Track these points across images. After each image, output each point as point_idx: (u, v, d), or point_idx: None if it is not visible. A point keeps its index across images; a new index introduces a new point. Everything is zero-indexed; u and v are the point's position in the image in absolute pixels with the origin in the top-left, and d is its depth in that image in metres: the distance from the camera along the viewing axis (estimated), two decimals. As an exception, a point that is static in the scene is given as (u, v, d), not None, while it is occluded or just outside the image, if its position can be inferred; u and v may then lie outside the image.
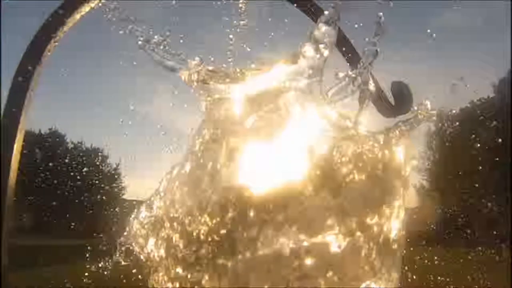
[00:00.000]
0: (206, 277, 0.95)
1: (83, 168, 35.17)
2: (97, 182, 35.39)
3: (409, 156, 1.10)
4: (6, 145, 0.98)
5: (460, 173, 31.25)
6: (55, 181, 32.40)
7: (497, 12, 41.18)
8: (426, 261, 20.56)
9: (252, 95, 1.06)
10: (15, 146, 0.99)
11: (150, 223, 1.12)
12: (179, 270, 1.02)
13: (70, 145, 38.95)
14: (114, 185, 39.00)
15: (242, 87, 1.09)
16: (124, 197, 38.16)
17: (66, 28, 1.08)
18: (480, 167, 28.46)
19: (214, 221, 0.95)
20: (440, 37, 48.52)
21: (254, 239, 0.90)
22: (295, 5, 1.31)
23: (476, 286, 13.75)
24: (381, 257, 0.99)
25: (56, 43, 1.08)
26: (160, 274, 1.07)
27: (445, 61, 49.77)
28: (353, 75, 1.13)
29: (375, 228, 0.99)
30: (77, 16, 1.11)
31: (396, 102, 1.27)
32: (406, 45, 50.08)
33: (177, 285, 1.01)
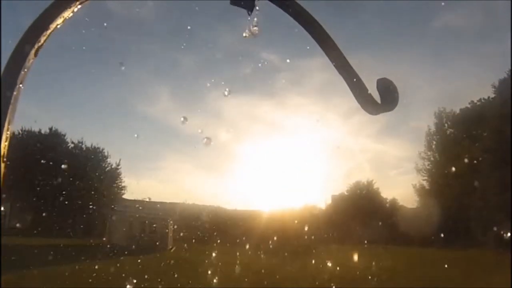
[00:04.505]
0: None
1: (83, 168, 35.11)
2: (97, 182, 35.34)
3: None
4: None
5: (460, 173, 31.23)
6: (55, 181, 32.38)
7: (497, 12, 41.17)
8: (426, 261, 20.54)
9: None
10: (0, 146, 1.00)
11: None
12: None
13: (70, 145, 38.93)
14: (114, 185, 38.98)
15: None
16: (124, 197, 38.16)
17: (49, 32, 1.09)
18: (480, 167, 28.44)
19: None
20: (440, 37, 48.39)
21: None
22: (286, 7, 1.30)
23: (476, 286, 13.73)
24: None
25: (40, 48, 1.08)
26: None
27: (445, 61, 49.76)
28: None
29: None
30: (59, 20, 1.11)
31: (382, 99, 1.23)
32: (406, 45, 50.04)
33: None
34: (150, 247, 22.29)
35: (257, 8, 1.32)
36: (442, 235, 27.68)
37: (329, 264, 18.69)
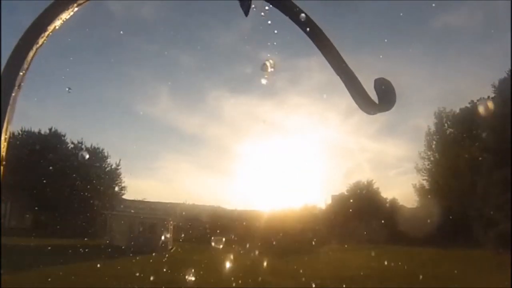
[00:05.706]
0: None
1: (82, 168, 35.06)
2: (97, 182, 35.31)
3: None
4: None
5: (460, 173, 31.22)
6: (55, 182, 32.37)
7: (497, 12, 41.17)
8: (426, 261, 20.53)
9: None
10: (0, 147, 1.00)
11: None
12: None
13: (70, 146, 38.92)
14: (114, 185, 38.96)
15: None
16: (124, 197, 38.17)
17: (47, 33, 1.09)
18: (480, 167, 28.43)
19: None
20: (440, 37, 48.37)
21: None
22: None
23: (476, 286, 13.74)
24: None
25: (39, 48, 1.08)
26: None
27: (445, 61, 49.76)
28: None
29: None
30: (58, 21, 1.11)
31: (379, 99, 1.24)
32: (406, 45, 50.03)
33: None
34: (150, 247, 22.30)
35: (253, 7, 1.32)
36: (442, 235, 27.67)
37: (329, 263, 18.69)
